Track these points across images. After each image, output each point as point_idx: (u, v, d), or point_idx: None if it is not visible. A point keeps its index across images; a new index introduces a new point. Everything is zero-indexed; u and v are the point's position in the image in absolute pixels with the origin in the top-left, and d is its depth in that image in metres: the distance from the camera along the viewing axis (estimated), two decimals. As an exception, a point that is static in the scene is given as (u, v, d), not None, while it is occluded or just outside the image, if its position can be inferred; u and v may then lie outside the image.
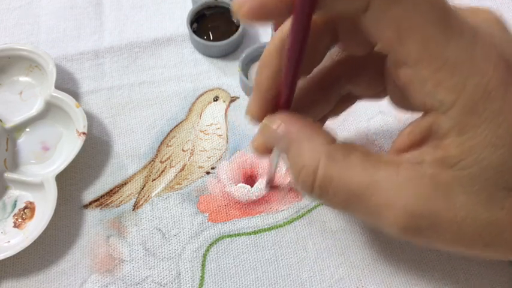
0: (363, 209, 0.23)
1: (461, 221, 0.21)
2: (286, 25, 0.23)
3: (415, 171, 0.21)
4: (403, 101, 0.26)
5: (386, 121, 0.36)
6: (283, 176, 0.34)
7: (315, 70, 0.27)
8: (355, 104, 0.30)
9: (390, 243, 0.32)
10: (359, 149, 0.23)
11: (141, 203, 0.33)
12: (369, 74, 0.26)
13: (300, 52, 0.20)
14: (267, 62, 0.24)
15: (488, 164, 0.20)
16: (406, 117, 0.36)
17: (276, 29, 0.38)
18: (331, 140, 0.24)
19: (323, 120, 0.30)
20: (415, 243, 0.23)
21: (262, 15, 0.20)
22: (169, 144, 0.36)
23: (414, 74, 0.20)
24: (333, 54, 0.27)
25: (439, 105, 0.20)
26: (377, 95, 0.28)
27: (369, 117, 0.37)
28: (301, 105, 0.26)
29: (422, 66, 0.20)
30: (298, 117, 0.24)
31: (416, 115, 0.22)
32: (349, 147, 0.23)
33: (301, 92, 0.27)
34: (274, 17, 0.20)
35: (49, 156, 0.34)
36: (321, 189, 0.23)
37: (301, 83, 0.27)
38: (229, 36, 0.38)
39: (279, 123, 0.24)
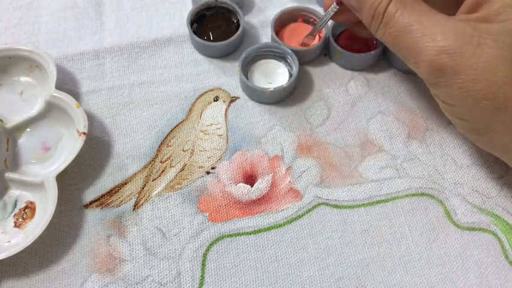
0: (408, 40, 0.27)
1: (481, 71, 0.25)
2: None
3: (461, 21, 0.27)
4: None
5: (386, 121, 0.36)
6: (283, 176, 0.34)
7: None
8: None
9: (389, 243, 0.32)
10: (425, 4, 0.28)
11: (141, 202, 0.33)
12: None
13: None
14: None
15: None
16: (406, 118, 0.36)
17: (276, 28, 0.39)
18: None
19: None
20: (435, 84, 0.28)
21: None
22: (169, 144, 0.36)
23: None
24: None
25: None
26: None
27: (369, 117, 0.37)
28: None
29: None
30: None
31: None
32: None
33: None
34: None
35: (49, 156, 0.34)
36: (387, 19, 0.29)
37: None
38: (229, 36, 0.38)
39: None
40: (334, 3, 0.34)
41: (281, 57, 0.38)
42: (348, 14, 0.34)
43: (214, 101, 0.37)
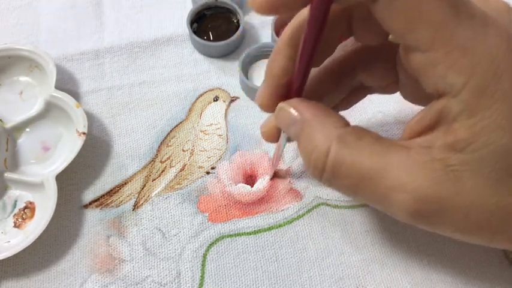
0: (373, 193, 0.23)
1: (469, 205, 0.21)
2: (301, 14, 0.24)
3: (425, 155, 0.22)
4: (414, 93, 0.26)
5: (386, 121, 0.36)
6: (283, 176, 0.34)
7: (328, 60, 0.27)
8: (364, 98, 0.31)
9: (390, 243, 0.32)
10: (370, 133, 0.24)
11: (141, 202, 0.33)
12: (382, 64, 0.27)
13: (316, 41, 0.21)
14: (281, 50, 0.24)
15: (497, 147, 0.20)
16: (406, 118, 0.36)
17: (276, 28, 0.38)
18: (344, 123, 0.24)
19: (334, 110, 0.30)
20: (422, 228, 0.24)
21: (276, 7, 0.21)
22: (169, 144, 0.36)
23: (426, 58, 0.20)
24: (346, 45, 0.27)
25: (450, 88, 0.20)
26: (388, 87, 0.28)
27: (369, 117, 0.37)
28: (313, 94, 0.27)
29: (434, 50, 0.20)
30: (311, 103, 0.25)
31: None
32: (361, 131, 0.24)
33: (313, 82, 0.27)
34: (289, 9, 0.21)
35: (49, 156, 0.34)
36: (332, 172, 0.23)
37: (313, 72, 0.27)
38: (229, 36, 0.38)
39: (294, 106, 0.25)
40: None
41: (281, 57, 0.38)
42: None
43: (214, 101, 0.37)
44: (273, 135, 0.28)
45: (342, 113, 0.37)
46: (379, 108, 0.37)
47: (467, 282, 0.30)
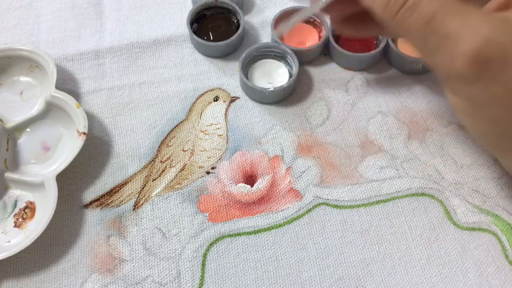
0: (444, 29, 0.23)
1: None
2: None
3: (501, 15, 0.24)
4: None
5: (386, 121, 0.36)
6: (283, 176, 0.34)
7: None
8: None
9: (390, 243, 0.32)
10: None
11: (141, 202, 0.33)
12: None
13: None
14: None
15: None
16: (406, 118, 0.36)
17: (275, 28, 0.39)
18: None
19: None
20: (469, 91, 0.24)
21: None
22: (169, 144, 0.36)
23: None
24: None
25: None
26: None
27: (369, 117, 0.37)
28: None
29: None
30: None
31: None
32: None
33: None
34: None
35: (49, 156, 0.34)
36: (414, 2, 0.24)
37: None
38: (229, 36, 0.38)
39: None
40: None
41: (281, 57, 0.38)
42: (342, 6, 0.30)
43: (214, 101, 0.37)
44: None
45: (343, 112, 0.37)
46: (379, 109, 0.37)
47: (467, 282, 0.30)
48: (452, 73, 0.24)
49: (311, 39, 0.39)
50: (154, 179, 0.34)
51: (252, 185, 0.34)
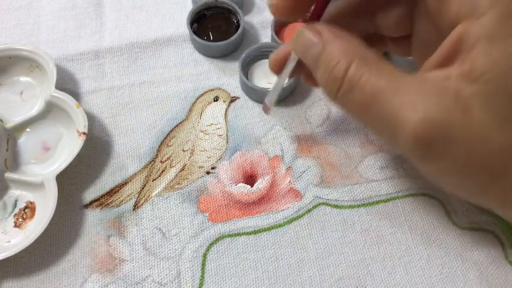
0: (382, 111, 0.22)
1: (474, 140, 0.21)
2: None
3: (441, 84, 0.21)
4: (425, 48, 0.26)
5: (386, 121, 0.36)
6: (283, 176, 0.34)
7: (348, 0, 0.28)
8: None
9: (390, 243, 0.32)
10: (391, 63, 0.24)
11: (141, 202, 0.33)
12: (399, 10, 0.27)
13: None
14: None
15: None
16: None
17: (276, 28, 0.39)
18: (366, 45, 0.24)
19: None
20: (423, 166, 0.23)
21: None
22: (169, 144, 0.36)
23: None
24: None
25: (474, 9, 0.20)
26: (401, 41, 0.28)
27: (369, 117, 0.37)
28: None
29: None
30: (332, 26, 0.25)
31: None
32: (381, 57, 0.24)
33: (334, 16, 0.28)
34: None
35: (49, 156, 0.34)
36: (349, 87, 0.23)
37: (331, 10, 0.28)
38: (229, 36, 0.38)
39: (314, 30, 0.25)
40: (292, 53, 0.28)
41: (281, 57, 0.38)
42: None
43: (214, 101, 0.37)
44: (280, 64, 0.29)
45: (339, 117, 0.37)
46: (379, 108, 0.37)
47: (467, 282, 0.30)
48: (400, 151, 0.23)
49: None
50: (154, 179, 0.34)
51: (252, 185, 0.34)
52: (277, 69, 0.30)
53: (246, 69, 0.38)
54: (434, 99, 0.21)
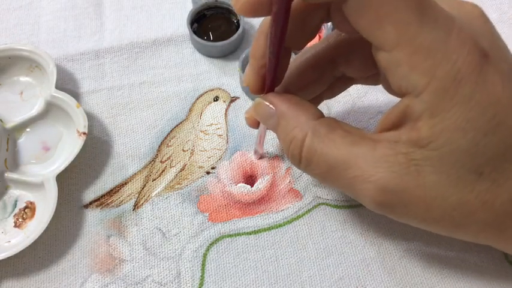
0: (340, 181, 0.24)
1: (430, 200, 0.22)
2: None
3: (390, 149, 0.23)
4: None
5: (386, 121, 0.36)
6: (283, 176, 0.34)
7: (311, 52, 0.28)
8: (348, 87, 0.32)
9: (390, 243, 0.32)
10: (343, 125, 0.25)
11: (141, 202, 0.33)
12: (362, 57, 0.27)
13: (280, 39, 0.22)
14: (264, 30, 0.25)
15: (457, 146, 0.21)
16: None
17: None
18: (318, 115, 0.25)
19: (318, 99, 0.31)
20: (392, 217, 0.25)
21: (256, 9, 0.22)
22: (169, 144, 0.36)
23: (391, 57, 0.21)
24: (329, 37, 0.28)
25: (413, 88, 0.21)
26: (370, 78, 0.29)
27: (369, 117, 0.37)
28: (296, 85, 0.28)
29: (398, 50, 0.21)
30: (286, 96, 0.26)
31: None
32: (334, 123, 0.25)
33: (297, 72, 0.28)
34: (265, 11, 0.22)
35: (49, 156, 0.34)
36: (306, 161, 0.25)
37: (296, 63, 0.28)
38: (229, 36, 0.38)
39: (269, 101, 0.27)
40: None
41: (281, 57, 0.38)
42: None
43: (214, 101, 0.37)
44: (255, 122, 0.30)
45: (343, 112, 0.37)
46: (379, 109, 0.37)
47: (467, 282, 0.30)
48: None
49: (311, 39, 0.39)
50: (154, 179, 0.34)
51: (252, 185, 0.34)
52: (255, 125, 0.31)
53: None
54: (386, 167, 0.22)
